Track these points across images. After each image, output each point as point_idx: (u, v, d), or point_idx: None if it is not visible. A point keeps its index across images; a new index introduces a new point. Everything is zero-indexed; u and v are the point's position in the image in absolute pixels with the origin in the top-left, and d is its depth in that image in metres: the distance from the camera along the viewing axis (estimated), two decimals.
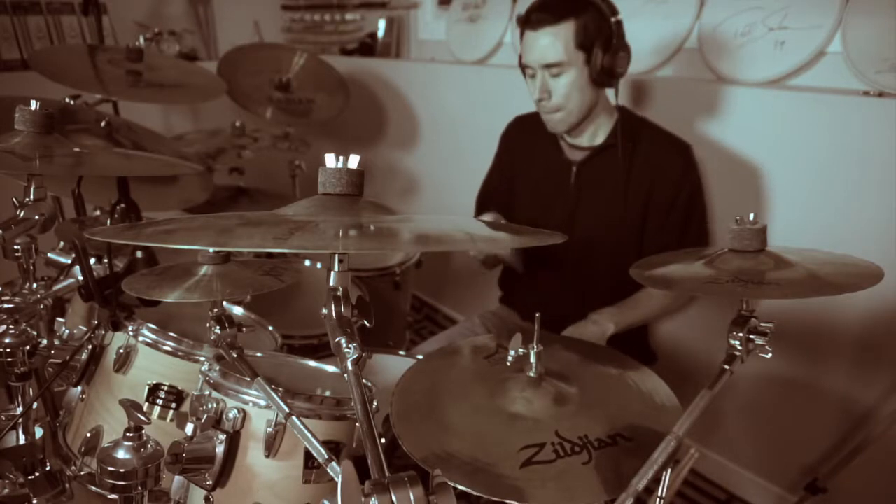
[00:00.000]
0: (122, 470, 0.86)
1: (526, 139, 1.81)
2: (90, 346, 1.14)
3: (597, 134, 1.66)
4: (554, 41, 1.48)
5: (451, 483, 0.64)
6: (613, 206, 1.64)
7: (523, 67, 1.58)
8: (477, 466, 0.92)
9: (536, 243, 0.80)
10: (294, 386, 1.10)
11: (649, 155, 1.61)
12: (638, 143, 1.62)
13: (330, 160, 0.79)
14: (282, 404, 0.86)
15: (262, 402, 0.95)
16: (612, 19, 1.50)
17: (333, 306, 0.73)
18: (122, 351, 1.11)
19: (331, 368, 1.20)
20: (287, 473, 0.96)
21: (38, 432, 1.20)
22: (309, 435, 0.81)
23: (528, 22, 1.52)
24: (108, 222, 1.37)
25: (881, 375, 1.64)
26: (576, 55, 1.49)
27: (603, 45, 1.49)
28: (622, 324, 1.57)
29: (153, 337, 1.12)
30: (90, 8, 2.30)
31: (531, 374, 1.10)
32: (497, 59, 2.61)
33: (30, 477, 1.14)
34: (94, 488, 1.09)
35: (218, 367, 1.00)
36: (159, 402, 1.11)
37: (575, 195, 1.69)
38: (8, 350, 1.12)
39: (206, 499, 0.95)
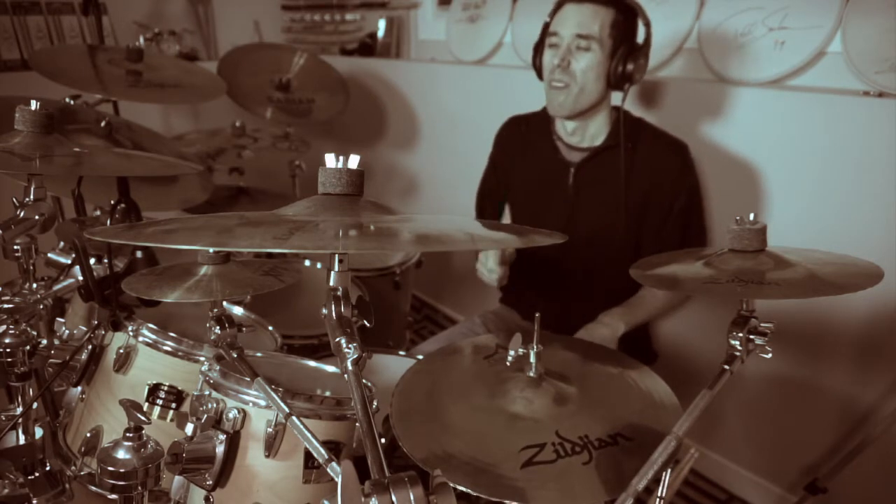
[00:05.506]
0: (122, 470, 0.86)
1: (521, 140, 1.81)
2: (90, 346, 1.14)
3: (595, 135, 1.66)
4: (594, 16, 1.53)
5: (451, 483, 0.64)
6: (612, 207, 1.65)
7: (548, 36, 1.58)
8: (477, 467, 0.92)
9: (536, 244, 0.79)
10: (294, 386, 1.10)
11: (648, 156, 1.62)
12: (637, 144, 1.63)
13: (330, 160, 0.78)
14: (282, 404, 0.86)
15: (262, 402, 0.95)
16: (646, 28, 1.57)
17: (333, 306, 0.73)
18: (122, 351, 1.11)
19: (331, 368, 1.20)
20: (287, 473, 0.96)
21: (38, 432, 1.20)
22: (309, 435, 0.80)
23: None
24: (108, 222, 1.37)
25: (881, 375, 1.64)
26: (606, 41, 1.53)
27: (629, 46, 1.54)
28: (632, 322, 1.59)
29: (153, 337, 1.12)
30: (90, 8, 2.30)
31: (531, 374, 1.10)
32: (497, 60, 2.60)
33: (30, 477, 1.14)
34: (94, 488, 1.09)
35: (218, 367, 1.00)
36: (159, 402, 1.11)
37: (573, 196, 1.69)
38: (8, 350, 1.12)
39: (206, 499, 0.95)
